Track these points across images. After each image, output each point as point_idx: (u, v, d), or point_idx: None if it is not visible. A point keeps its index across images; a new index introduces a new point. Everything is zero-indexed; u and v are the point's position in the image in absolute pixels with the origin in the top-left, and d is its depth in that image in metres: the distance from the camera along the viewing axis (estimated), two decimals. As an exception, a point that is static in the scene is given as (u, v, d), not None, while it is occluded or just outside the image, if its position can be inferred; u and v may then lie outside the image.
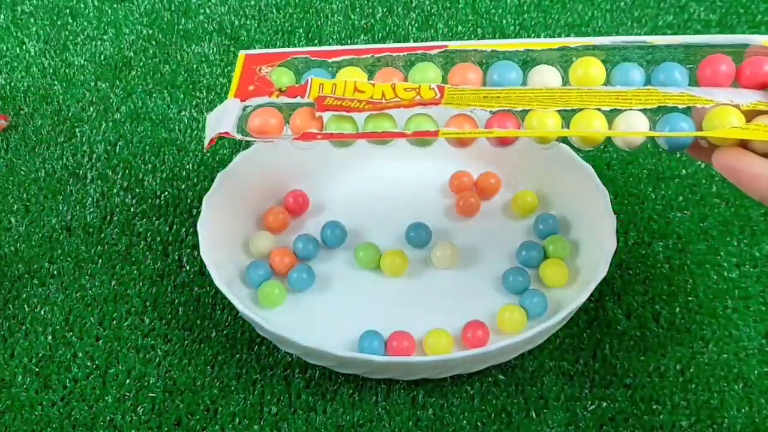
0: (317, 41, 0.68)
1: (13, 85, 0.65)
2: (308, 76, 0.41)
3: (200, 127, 0.61)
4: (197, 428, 0.44)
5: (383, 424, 0.44)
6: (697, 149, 0.38)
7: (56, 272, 0.51)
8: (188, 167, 0.58)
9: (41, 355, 0.47)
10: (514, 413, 0.44)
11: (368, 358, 0.42)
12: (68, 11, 0.72)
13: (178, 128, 0.60)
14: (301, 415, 0.44)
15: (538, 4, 0.72)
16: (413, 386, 0.45)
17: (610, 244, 0.46)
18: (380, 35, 0.69)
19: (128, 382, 0.46)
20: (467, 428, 0.44)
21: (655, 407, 0.44)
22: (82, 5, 0.72)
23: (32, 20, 0.71)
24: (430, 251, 0.51)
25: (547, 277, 0.49)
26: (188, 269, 0.51)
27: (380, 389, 0.45)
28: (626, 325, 0.48)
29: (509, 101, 0.39)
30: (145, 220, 0.54)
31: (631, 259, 0.51)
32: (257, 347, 0.47)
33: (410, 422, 0.44)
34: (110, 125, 0.61)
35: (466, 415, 0.44)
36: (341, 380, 0.46)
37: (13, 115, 0.62)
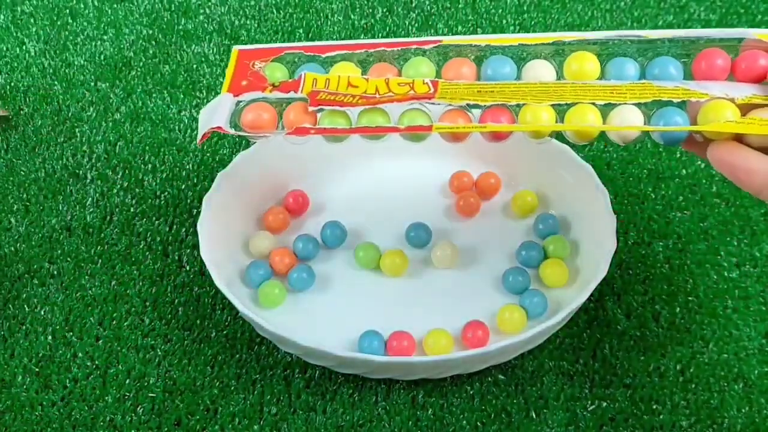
0: (317, 41, 0.68)
1: (13, 85, 0.65)
2: (302, 71, 0.40)
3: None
4: (197, 428, 0.44)
5: (383, 424, 0.44)
6: (692, 143, 0.38)
7: (56, 272, 0.51)
8: (188, 167, 0.58)
9: (41, 355, 0.47)
10: (514, 413, 0.44)
11: (368, 358, 0.42)
12: (68, 11, 0.72)
13: (178, 128, 0.60)
14: (301, 415, 0.44)
15: (538, 4, 0.72)
16: (413, 386, 0.45)
17: (610, 244, 0.46)
18: (380, 35, 0.69)
19: (128, 382, 0.46)
20: (467, 428, 0.44)
21: (655, 407, 0.44)
22: (82, 5, 0.72)
23: (32, 20, 0.71)
24: (430, 251, 0.51)
25: (547, 277, 0.49)
26: (188, 269, 0.51)
27: (380, 389, 0.45)
28: (626, 325, 0.48)
29: (503, 96, 0.39)
30: (145, 220, 0.54)
31: (631, 259, 0.51)
32: (257, 347, 0.47)
33: (410, 422, 0.44)
34: (110, 125, 0.61)
35: (466, 415, 0.44)
36: (341, 380, 0.46)
37: (13, 115, 0.62)
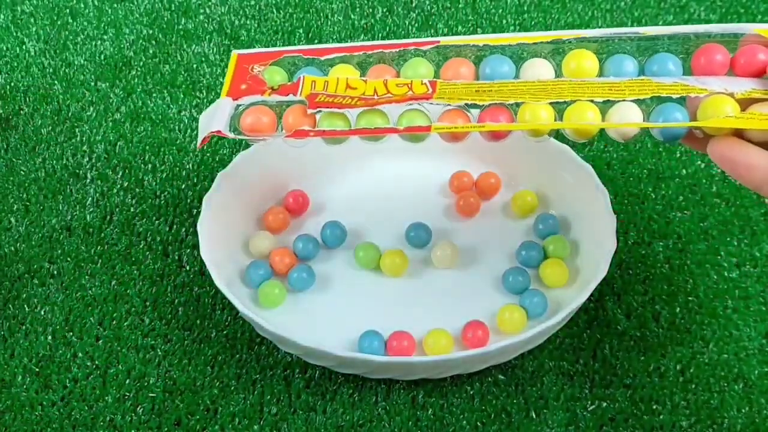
0: (317, 41, 0.68)
1: (13, 85, 0.65)
2: (300, 73, 0.41)
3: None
4: (197, 428, 0.44)
5: (383, 424, 0.44)
6: (691, 139, 0.38)
7: (56, 272, 0.51)
8: (188, 167, 0.58)
9: (41, 355, 0.47)
10: (514, 413, 0.44)
11: (368, 358, 0.42)
12: (68, 11, 0.72)
13: (178, 128, 0.60)
14: (301, 415, 0.44)
15: (538, 4, 0.72)
16: (413, 386, 0.45)
17: (610, 244, 0.46)
18: (380, 35, 0.69)
19: (128, 382, 0.46)
20: (467, 428, 0.44)
21: (655, 407, 0.44)
22: (82, 5, 0.72)
23: (32, 20, 0.71)
24: (430, 251, 0.51)
25: (547, 277, 0.49)
26: (188, 269, 0.51)
27: (380, 389, 0.45)
28: (626, 325, 0.48)
29: (501, 95, 0.38)
30: (145, 220, 0.54)
31: (631, 259, 0.51)
32: (257, 347, 0.47)
33: (410, 422, 0.44)
34: (110, 125, 0.61)
35: (466, 415, 0.44)
36: (341, 380, 0.46)
37: (13, 115, 0.62)
